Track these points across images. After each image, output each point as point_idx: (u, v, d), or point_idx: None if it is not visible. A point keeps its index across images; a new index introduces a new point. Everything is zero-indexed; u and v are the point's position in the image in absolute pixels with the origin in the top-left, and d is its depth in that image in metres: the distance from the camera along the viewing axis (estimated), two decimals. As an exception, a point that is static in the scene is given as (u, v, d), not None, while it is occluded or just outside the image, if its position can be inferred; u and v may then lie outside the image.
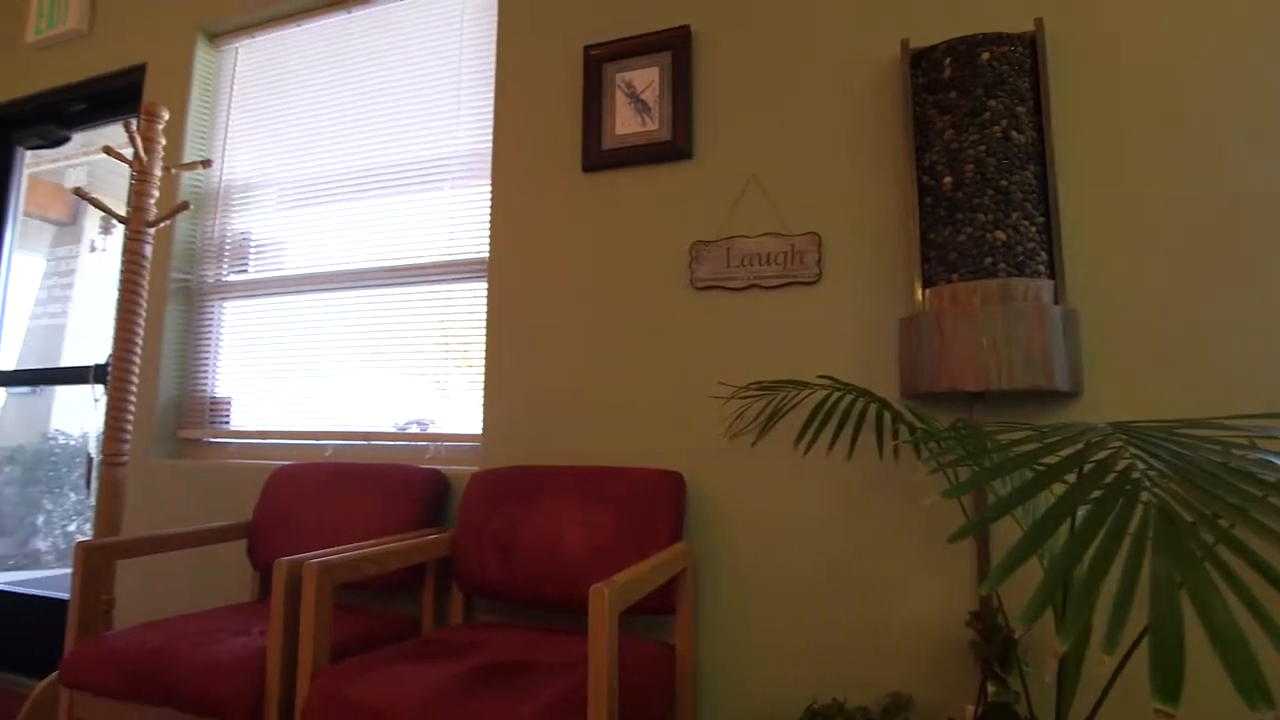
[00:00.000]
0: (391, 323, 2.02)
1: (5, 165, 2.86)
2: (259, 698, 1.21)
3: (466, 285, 1.94)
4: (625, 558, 1.44)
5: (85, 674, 1.33)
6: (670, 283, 1.65)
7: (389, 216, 2.07)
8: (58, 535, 4.08)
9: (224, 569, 2.00)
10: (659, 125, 1.68)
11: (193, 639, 1.32)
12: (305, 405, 2.10)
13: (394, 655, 1.24)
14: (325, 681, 1.15)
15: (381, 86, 2.13)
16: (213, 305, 2.27)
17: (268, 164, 2.27)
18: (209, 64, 2.40)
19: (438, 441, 1.91)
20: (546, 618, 1.65)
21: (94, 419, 4.15)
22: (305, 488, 1.78)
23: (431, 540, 1.53)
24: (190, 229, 2.31)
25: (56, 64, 2.68)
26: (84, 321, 4.23)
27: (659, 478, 1.49)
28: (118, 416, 1.74)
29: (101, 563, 1.48)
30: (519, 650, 1.30)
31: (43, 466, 4.06)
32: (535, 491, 1.55)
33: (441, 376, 1.94)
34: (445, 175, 2.00)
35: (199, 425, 2.23)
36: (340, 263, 2.11)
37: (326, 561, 1.22)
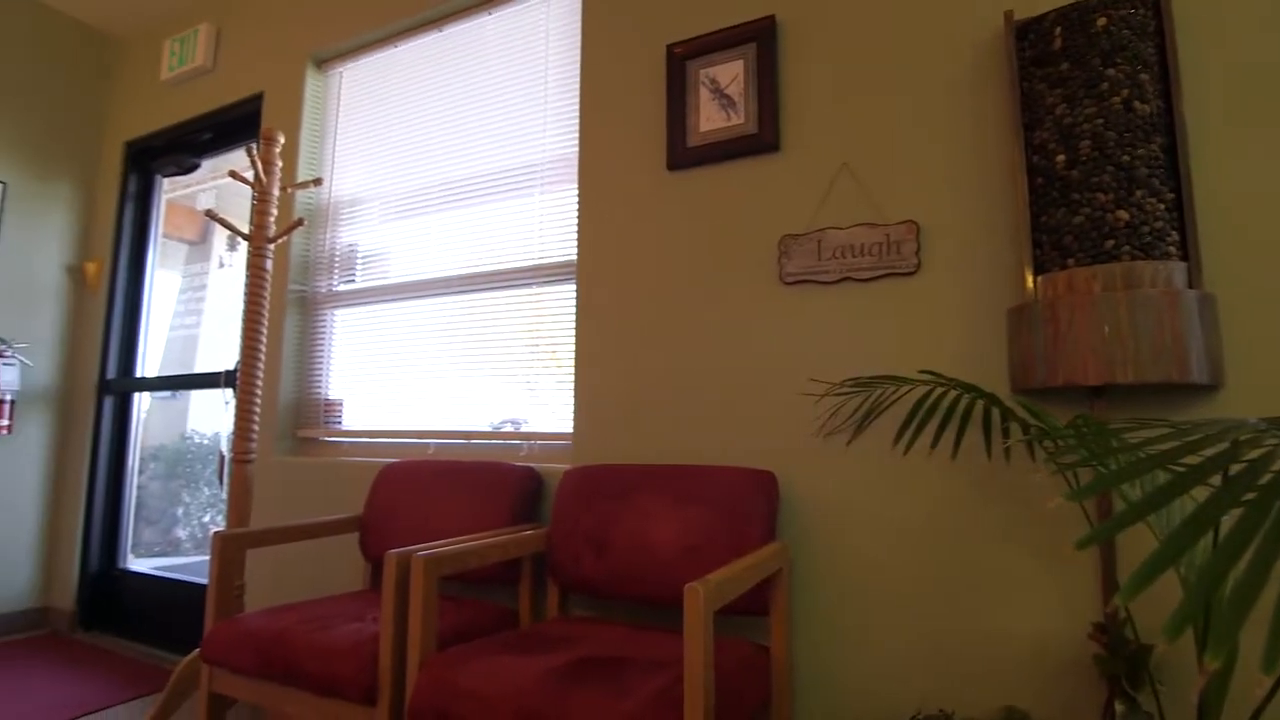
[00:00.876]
0: (486, 326, 2.09)
1: (146, 192, 3.18)
2: (373, 681, 1.29)
3: (555, 288, 1.99)
4: (717, 557, 1.43)
5: (222, 652, 1.46)
6: (759, 278, 1.62)
7: (482, 224, 2.15)
8: (195, 525, 4.50)
9: (338, 558, 2.14)
10: (744, 119, 1.66)
11: (314, 624, 1.42)
12: (409, 406, 2.21)
13: (495, 646, 1.28)
14: (433, 668, 1.20)
15: (473, 99, 2.22)
16: (325, 313, 2.44)
17: (371, 179, 2.41)
18: (317, 89, 2.57)
19: (530, 440, 1.97)
20: (640, 614, 1.66)
21: (225, 420, 4.55)
22: (410, 484, 1.87)
23: (528, 536, 1.57)
24: (304, 243, 2.49)
25: (187, 98, 2.95)
26: (214, 331, 4.64)
27: (751, 477, 1.47)
28: (245, 417, 1.89)
29: (234, 551, 1.61)
30: (614, 646, 1.31)
31: (181, 463, 4.49)
32: (627, 489, 1.57)
33: (532, 377, 2.00)
34: (534, 181, 2.05)
35: (315, 425, 2.40)
36: (438, 270, 2.21)
37: (433, 554, 1.28)
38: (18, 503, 2.89)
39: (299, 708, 1.38)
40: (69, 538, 2.94)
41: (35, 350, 2.96)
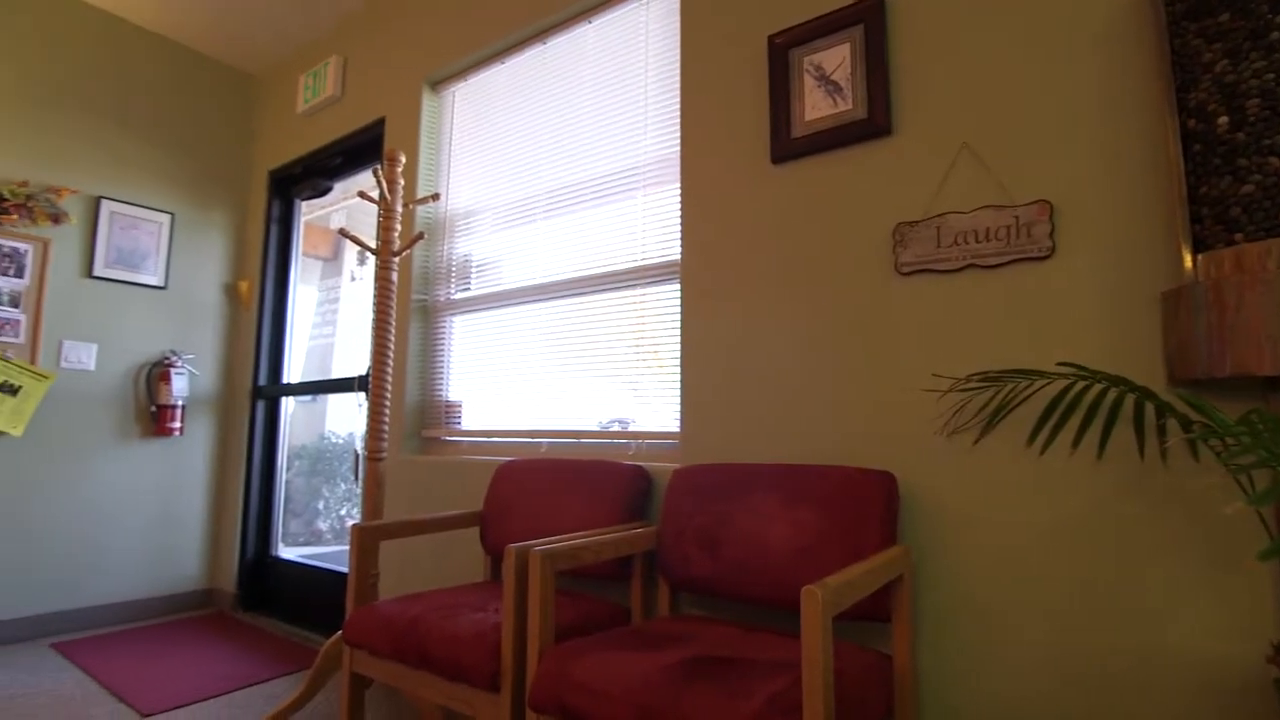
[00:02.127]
0: (592, 328, 2.14)
1: (287, 215, 3.50)
2: (496, 668, 1.34)
3: (657, 288, 2.00)
4: (833, 559, 1.38)
5: (361, 635, 1.58)
6: (872, 270, 1.56)
7: (587, 228, 2.20)
8: (333, 518, 4.90)
9: (460, 551, 2.26)
10: (852, 104, 1.60)
11: (441, 612, 1.51)
12: (522, 406, 2.30)
13: (610, 641, 1.30)
14: (551, 660, 1.24)
15: (575, 107, 2.27)
16: (444, 320, 2.58)
17: (483, 191, 2.53)
18: (433, 109, 2.73)
19: (638, 439, 1.99)
20: (751, 614, 1.64)
21: (358, 421, 4.93)
22: (525, 481, 1.95)
23: (639, 533, 1.59)
24: (424, 255, 2.65)
25: (319, 127, 3.23)
26: (347, 339, 5.04)
27: (868, 477, 1.41)
28: (376, 418, 2.03)
29: (370, 542, 1.74)
30: (727, 646, 1.30)
31: (321, 461, 4.91)
32: (737, 489, 1.55)
33: (636, 377, 2.02)
34: (636, 183, 2.08)
35: (437, 425, 2.55)
36: (546, 275, 2.28)
37: (549, 549, 1.33)
38: (189, 496, 3.27)
39: (429, 690, 1.47)
40: (230, 527, 3.29)
41: (200, 361, 3.34)
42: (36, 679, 2.29)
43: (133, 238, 3.11)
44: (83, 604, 2.89)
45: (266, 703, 2.11)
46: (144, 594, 3.08)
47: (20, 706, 2.07)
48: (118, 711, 2.04)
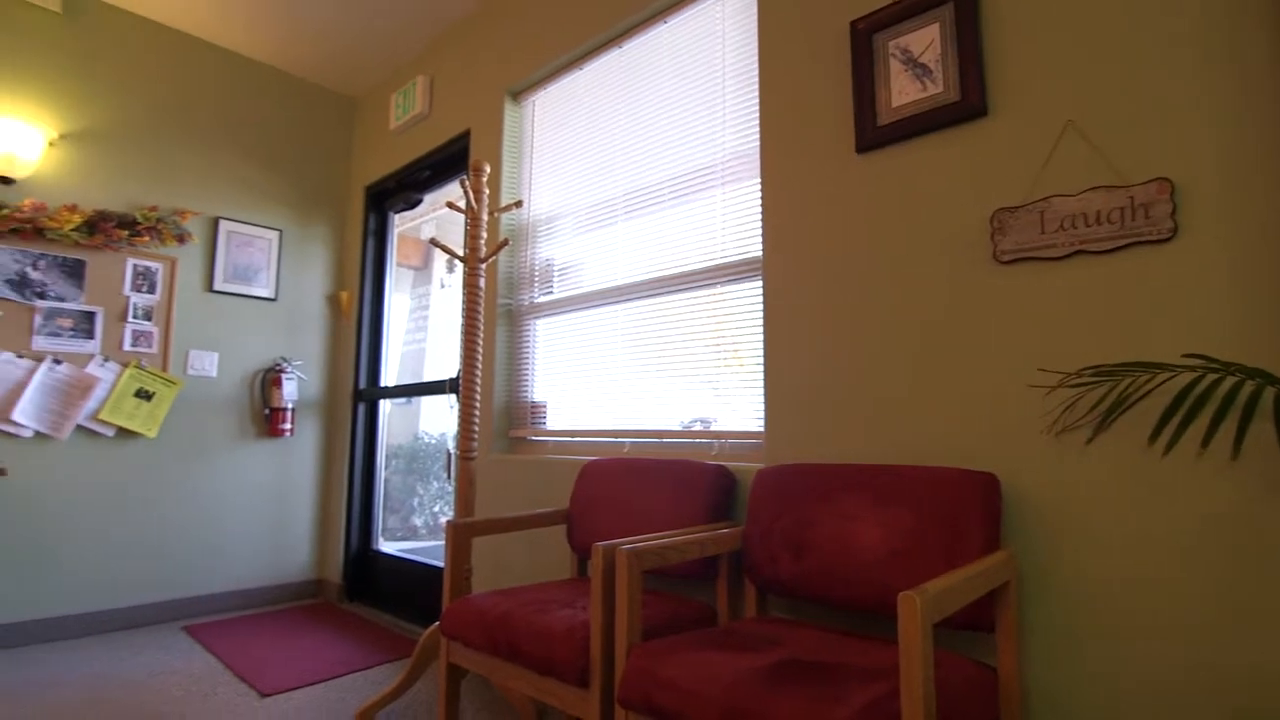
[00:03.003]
0: (672, 328, 2.14)
1: (382, 228, 3.69)
2: (585, 664, 1.36)
3: (737, 286, 1.97)
4: (929, 563, 1.32)
5: (457, 627, 1.64)
6: (968, 259, 1.48)
7: (665, 228, 2.20)
8: (427, 514, 5.13)
9: (547, 548, 2.31)
10: (943, 87, 1.52)
11: (532, 607, 1.54)
12: (604, 406, 2.33)
13: (698, 641, 1.29)
14: (639, 658, 1.25)
15: (651, 108, 2.28)
16: (529, 323, 2.65)
17: (563, 196, 2.58)
18: (514, 119, 2.82)
19: (721, 439, 1.97)
20: (841, 619, 1.59)
21: (449, 422, 5.14)
22: (610, 481, 1.97)
23: (724, 534, 1.58)
24: (509, 261, 2.73)
25: (410, 142, 3.39)
26: (437, 344, 5.26)
27: (967, 478, 1.34)
28: (467, 419, 2.11)
29: (464, 538, 1.81)
30: (818, 650, 1.27)
31: (416, 460, 5.15)
32: (826, 490, 1.51)
33: (717, 377, 2.00)
34: (714, 181, 2.06)
35: (523, 426, 2.62)
36: (626, 276, 2.30)
37: (636, 548, 1.33)
38: (299, 492, 3.51)
39: (520, 683, 1.51)
40: (335, 522, 3.50)
41: (306, 367, 3.57)
42: (170, 659, 2.52)
43: (247, 254, 3.36)
44: (208, 590, 3.15)
45: (370, 688, 2.23)
46: (260, 582, 3.33)
47: (158, 683, 2.28)
48: (240, 691, 2.21)
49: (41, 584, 2.73)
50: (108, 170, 2.99)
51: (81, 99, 2.94)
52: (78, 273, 2.87)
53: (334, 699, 2.14)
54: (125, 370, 2.95)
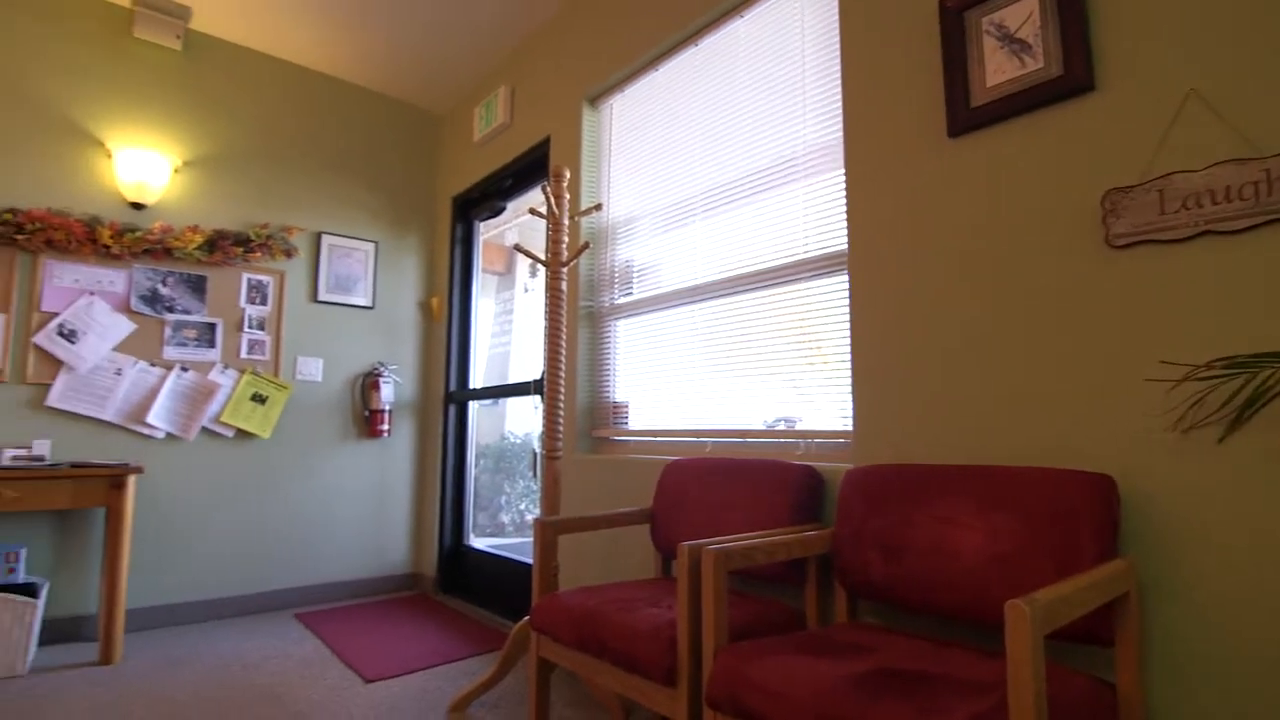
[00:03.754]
0: (752, 326, 2.11)
1: (468, 236, 3.83)
2: (672, 663, 1.36)
3: (820, 282, 1.92)
4: (1037, 571, 1.24)
5: (546, 623, 1.68)
6: (1077, 244, 1.38)
7: (744, 225, 2.17)
8: (513, 512, 5.28)
9: (631, 546, 2.33)
10: (1044, 62, 1.42)
11: (618, 605, 1.56)
12: (685, 406, 2.32)
13: (787, 645, 1.27)
14: (727, 659, 1.23)
15: (729, 104, 2.26)
16: (609, 324, 2.68)
17: (641, 197, 2.59)
18: (592, 123, 2.86)
19: (806, 438, 1.92)
20: (939, 627, 1.52)
21: (534, 422, 5.28)
22: (693, 480, 1.96)
23: (812, 536, 1.54)
24: (589, 264, 2.77)
25: (492, 152, 3.50)
26: (521, 347, 5.41)
27: (1080, 480, 1.25)
28: (551, 419, 2.16)
29: (551, 536, 1.85)
30: (915, 659, 1.21)
31: (502, 459, 5.32)
32: (922, 491, 1.44)
33: (800, 375, 1.96)
34: (795, 174, 2.02)
35: (605, 426, 2.65)
36: (705, 275, 2.29)
37: (723, 548, 1.32)
38: (396, 489, 3.69)
39: (608, 679, 1.52)
40: (430, 518, 3.67)
41: (401, 370, 3.76)
42: (285, 644, 2.71)
43: (346, 265, 3.58)
44: (316, 580, 3.37)
45: (464, 678, 2.31)
46: (362, 574, 3.53)
47: (275, 665, 2.45)
48: (346, 676, 2.34)
49: (173, 572, 3.00)
50: (224, 193, 3.25)
51: (200, 128, 3.22)
52: (200, 288, 3.13)
53: (431, 687, 2.23)
54: (242, 376, 3.20)
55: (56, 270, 2.81)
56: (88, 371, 2.84)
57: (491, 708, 2.08)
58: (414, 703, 2.11)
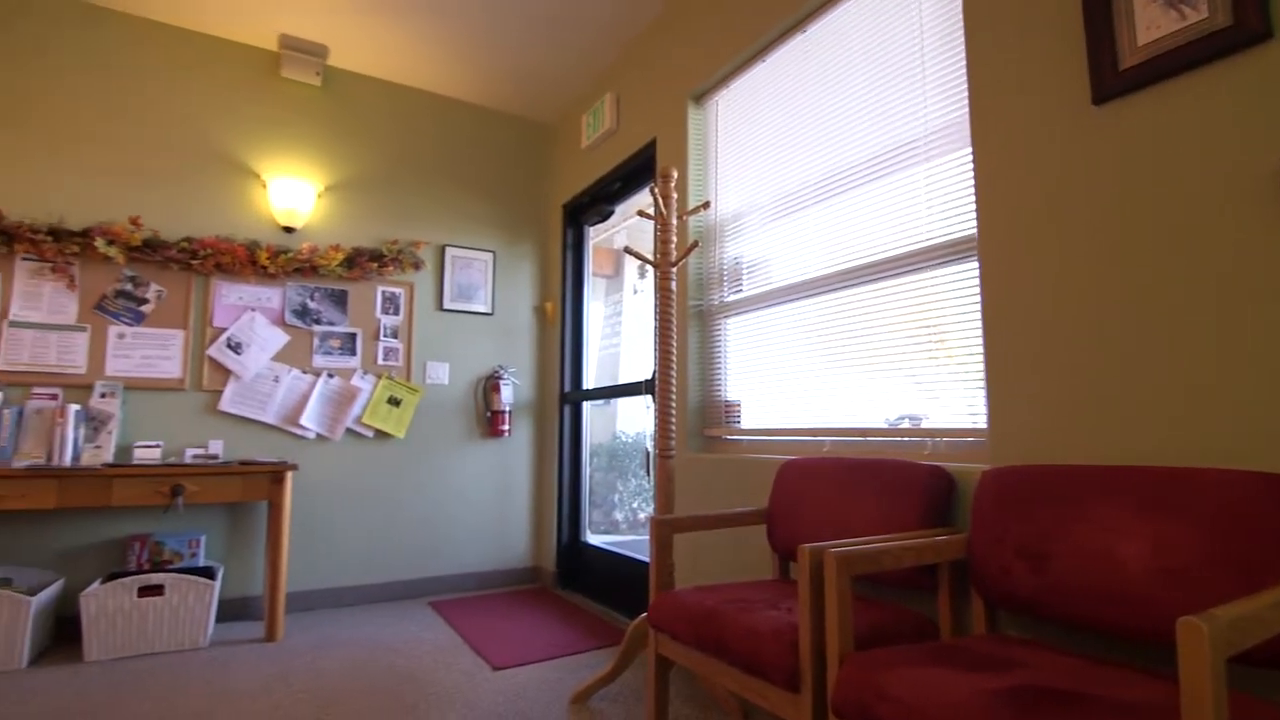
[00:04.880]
0: (870, 319, 2.02)
1: (579, 242, 3.94)
2: (795, 667, 1.33)
3: (945, 270, 1.81)
4: (1215, 585, 1.10)
5: (663, 620, 1.69)
6: (1254, 218, 1.21)
7: (859, 215, 2.08)
8: (626, 510, 5.37)
9: (747, 547, 2.30)
10: (1208, 12, 1.26)
11: (737, 605, 1.54)
12: (800, 404, 2.26)
13: (920, 655, 1.20)
14: (854, 667, 1.19)
15: (840, 90, 2.18)
16: (719, 323, 2.67)
17: (749, 193, 2.56)
18: (698, 121, 2.85)
19: (934, 437, 1.82)
20: (1091, 643, 1.38)
21: (646, 422, 5.34)
22: (811, 481, 1.91)
23: (944, 540, 1.45)
24: (698, 262, 2.77)
25: (600, 158, 3.58)
26: (631, 348, 5.50)
27: (1270, 484, 1.10)
28: (664, 418, 2.17)
29: (666, 534, 1.86)
30: (1066, 677, 1.11)
31: (614, 458, 5.42)
32: (1072, 494, 1.32)
33: (924, 370, 1.85)
34: (915, 157, 1.91)
35: (718, 425, 2.63)
36: (817, 269, 2.22)
37: (847, 552, 1.27)
38: (517, 486, 3.86)
39: (726, 679, 1.51)
40: (548, 514, 3.80)
41: (519, 373, 3.93)
42: (420, 630, 2.90)
43: (468, 275, 3.78)
44: (446, 571, 3.59)
45: (584, 671, 2.38)
46: (487, 567, 3.72)
47: (412, 650, 2.63)
48: (476, 662, 2.48)
49: (323, 559, 3.30)
50: (360, 213, 3.54)
51: (339, 155, 3.52)
52: (342, 301, 3.42)
53: (553, 678, 2.31)
54: (379, 381, 3.47)
55: (224, 290, 3.17)
56: (251, 379, 3.19)
57: (611, 701, 2.12)
58: (538, 692, 2.19)
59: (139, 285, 3.01)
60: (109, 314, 2.95)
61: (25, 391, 2.78)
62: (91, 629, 2.48)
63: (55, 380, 2.83)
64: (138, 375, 2.97)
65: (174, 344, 3.05)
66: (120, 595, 2.53)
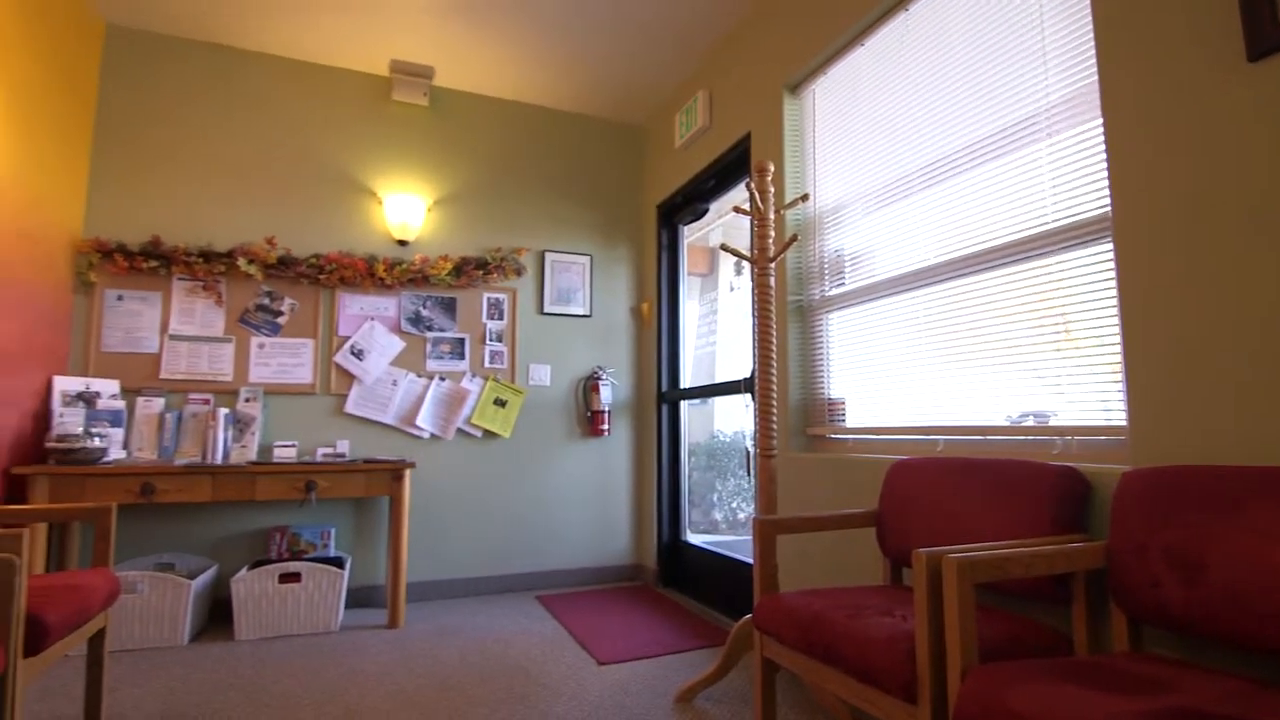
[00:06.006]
0: (986, 310, 1.89)
1: (673, 242, 3.94)
2: (911, 678, 1.27)
3: (1072, 254, 1.66)
4: None
5: (769, 622, 1.65)
6: None
7: (972, 200, 1.96)
8: (726, 509, 5.32)
9: (854, 550, 2.21)
10: (1402, -57, 1.09)
11: (847, 610, 1.49)
12: (912, 401, 2.16)
13: (1055, 671, 1.11)
14: (979, 681, 1.11)
15: (950, 66, 2.06)
16: (820, 318, 2.59)
17: (850, 182, 2.46)
18: (794, 112, 2.78)
19: (1064, 435, 1.68)
20: (1256, 664, 1.22)
21: (745, 420, 5.28)
22: (925, 482, 1.81)
23: (1079, 548, 1.33)
24: (797, 257, 2.70)
25: (693, 156, 3.56)
26: (727, 346, 5.45)
27: None
28: (765, 417, 2.13)
29: (770, 535, 1.82)
30: (1225, 702, 0.99)
31: (713, 457, 5.39)
32: (1231, 498, 1.18)
33: (1050, 363, 1.71)
34: (1036, 134, 1.77)
35: (821, 423, 2.56)
36: (926, 259, 2.11)
37: (970, 558, 1.20)
38: (617, 485, 3.92)
39: (836, 685, 1.46)
40: (648, 513, 3.83)
41: (617, 373, 3.98)
42: (529, 622, 3.00)
43: (566, 279, 3.88)
44: (551, 567, 3.70)
45: (688, 670, 2.38)
46: (590, 563, 3.79)
47: (521, 641, 2.73)
48: (582, 656, 2.53)
49: (438, 552, 3.49)
50: (465, 224, 3.71)
51: (446, 170, 3.71)
52: (451, 308, 3.61)
53: (657, 675, 2.33)
54: (486, 383, 3.63)
55: (347, 301, 3.42)
56: (372, 383, 3.42)
57: (716, 701, 2.11)
58: (642, 688, 2.21)
59: (275, 299, 3.30)
60: (250, 326, 3.25)
61: (183, 397, 3.12)
62: (241, 611, 2.75)
63: (207, 387, 3.15)
64: (275, 381, 3.26)
65: (305, 352, 3.32)
66: (264, 581, 2.78)
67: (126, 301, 3.08)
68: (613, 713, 2.03)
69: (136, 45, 3.22)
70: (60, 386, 2.79)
